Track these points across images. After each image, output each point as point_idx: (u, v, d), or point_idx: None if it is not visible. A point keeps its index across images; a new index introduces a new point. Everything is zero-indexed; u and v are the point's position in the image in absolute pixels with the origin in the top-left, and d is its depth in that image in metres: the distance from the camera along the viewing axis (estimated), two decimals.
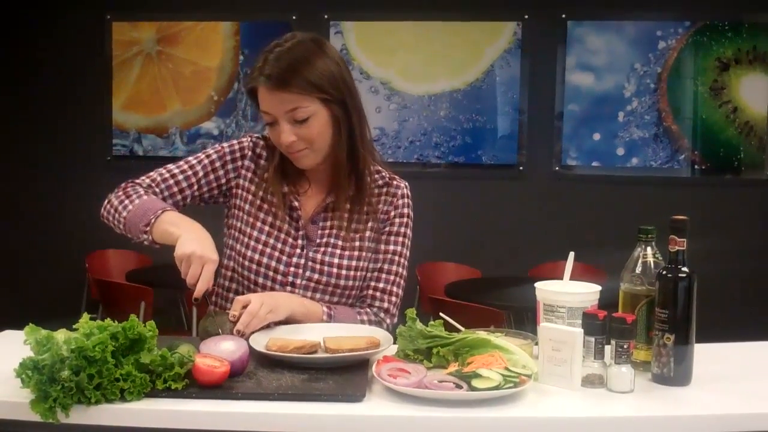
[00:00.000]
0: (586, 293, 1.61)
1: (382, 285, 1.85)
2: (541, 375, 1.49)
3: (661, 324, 1.49)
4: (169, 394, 1.36)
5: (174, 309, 4.52)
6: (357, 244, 1.83)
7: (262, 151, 1.87)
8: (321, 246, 1.82)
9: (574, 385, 1.45)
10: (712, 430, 1.34)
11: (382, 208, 1.87)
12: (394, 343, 1.61)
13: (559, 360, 1.47)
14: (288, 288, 1.79)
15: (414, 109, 4.91)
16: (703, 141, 4.78)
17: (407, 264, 1.89)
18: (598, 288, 1.63)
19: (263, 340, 1.58)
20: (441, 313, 1.66)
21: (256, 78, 1.72)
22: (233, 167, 1.86)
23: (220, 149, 1.87)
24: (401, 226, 1.88)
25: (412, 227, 1.90)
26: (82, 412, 1.31)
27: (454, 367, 1.45)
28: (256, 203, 1.84)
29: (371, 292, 1.85)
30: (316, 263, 1.80)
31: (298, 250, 1.81)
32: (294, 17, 4.85)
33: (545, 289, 1.62)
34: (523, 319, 3.70)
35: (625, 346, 1.45)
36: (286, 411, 1.33)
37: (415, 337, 1.54)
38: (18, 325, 1.52)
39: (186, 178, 1.82)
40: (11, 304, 4.27)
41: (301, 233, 1.82)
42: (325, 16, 4.87)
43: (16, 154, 5.08)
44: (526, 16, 4.80)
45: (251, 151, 1.87)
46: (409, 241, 1.89)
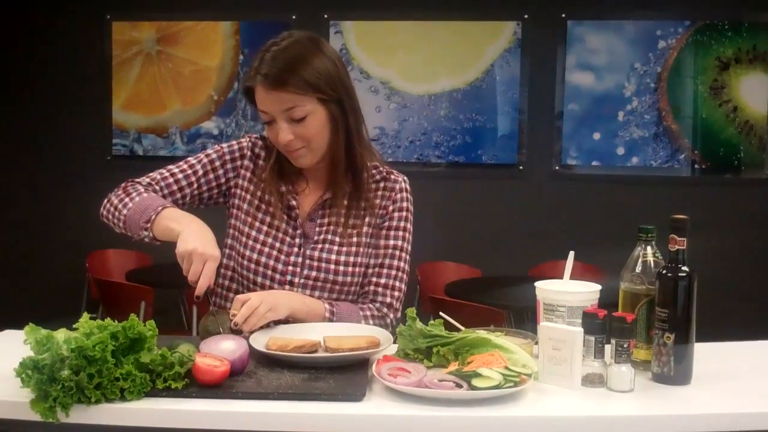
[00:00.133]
0: (586, 292, 1.61)
1: (384, 280, 1.84)
2: (542, 374, 1.49)
3: (661, 323, 1.49)
4: (169, 393, 1.36)
5: (174, 308, 4.52)
6: (354, 239, 1.82)
7: (261, 151, 1.87)
8: (318, 243, 1.82)
9: (574, 385, 1.45)
10: (712, 429, 1.34)
11: (380, 203, 1.86)
12: (394, 342, 1.61)
13: (559, 359, 1.47)
14: (287, 287, 1.79)
15: (414, 108, 4.90)
16: (703, 140, 4.78)
17: (409, 258, 1.88)
18: (598, 287, 1.63)
19: (263, 339, 1.58)
20: (441, 313, 1.66)
21: (253, 77, 1.72)
22: (232, 167, 1.86)
23: (219, 149, 1.87)
24: (401, 221, 1.87)
25: (412, 221, 1.89)
26: (82, 411, 1.31)
27: (454, 366, 1.45)
28: (255, 203, 1.84)
29: (373, 287, 1.84)
30: (313, 261, 1.80)
31: (295, 249, 1.81)
32: (294, 17, 4.85)
33: (545, 289, 1.63)
34: (523, 318, 3.69)
35: (625, 346, 1.45)
36: (287, 410, 1.33)
37: (415, 337, 1.54)
38: (18, 325, 1.52)
39: (185, 177, 1.83)
40: (11, 303, 4.27)
41: (298, 232, 1.82)
42: (325, 16, 4.87)
43: (16, 154, 5.08)
44: (526, 16, 4.80)
45: (250, 151, 1.87)
46: (409, 235, 1.88)
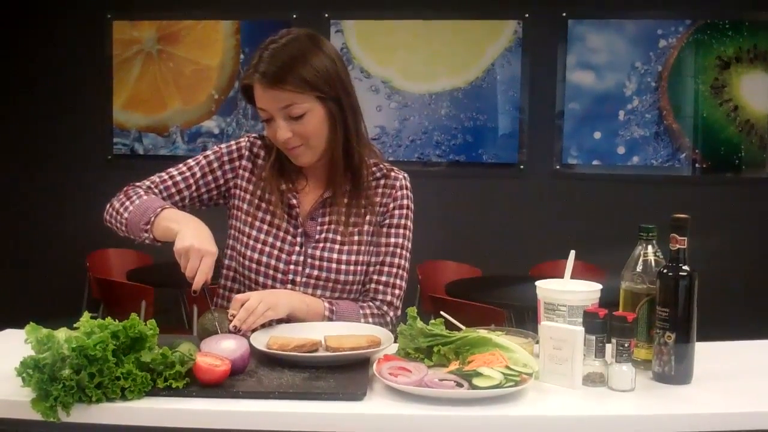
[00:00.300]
0: (587, 292, 1.61)
1: (384, 278, 1.84)
2: (542, 373, 1.49)
3: (662, 322, 1.49)
4: (169, 392, 1.36)
5: (175, 308, 4.52)
6: (356, 238, 1.82)
7: (260, 151, 1.87)
8: (320, 242, 1.81)
9: (575, 384, 1.45)
10: (712, 429, 1.34)
11: (380, 200, 1.86)
12: (395, 341, 1.61)
13: (560, 358, 1.47)
14: (289, 286, 1.79)
15: (415, 107, 4.90)
16: (704, 139, 4.78)
17: (409, 256, 1.88)
18: (599, 286, 1.63)
19: (264, 338, 1.58)
20: (442, 312, 1.66)
21: (251, 75, 1.72)
22: (231, 168, 1.86)
23: (217, 150, 1.87)
24: (401, 218, 1.86)
25: (412, 219, 1.88)
26: (82, 410, 1.31)
27: (455, 365, 1.45)
28: (255, 202, 1.84)
29: (374, 285, 1.84)
30: (315, 260, 1.80)
31: (297, 248, 1.81)
32: (294, 16, 4.85)
33: (546, 288, 1.63)
34: (524, 317, 3.69)
35: (625, 345, 1.45)
36: (287, 409, 1.33)
37: (416, 336, 1.54)
38: (19, 324, 1.52)
39: (184, 180, 1.84)
40: (12, 302, 4.26)
41: (299, 231, 1.82)
42: (326, 15, 4.87)
43: (17, 154, 5.08)
44: (527, 15, 4.80)
45: (248, 151, 1.87)
46: (410, 233, 1.88)
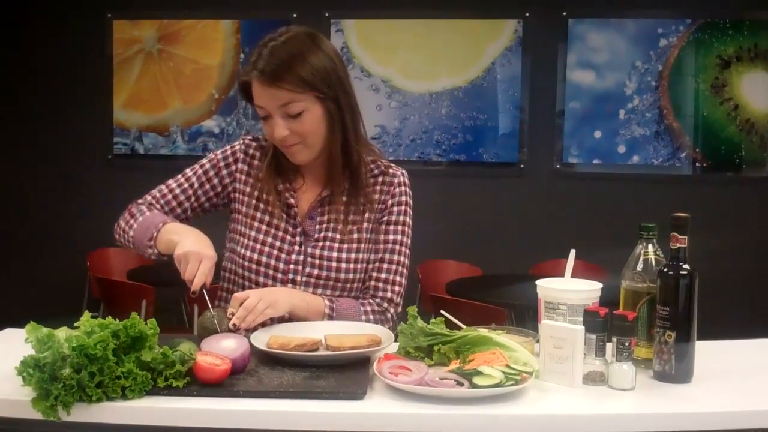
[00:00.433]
0: (587, 291, 1.61)
1: (384, 275, 1.84)
2: (543, 372, 1.49)
3: (662, 321, 1.49)
4: (170, 391, 1.36)
5: (175, 307, 4.53)
6: (355, 236, 1.82)
7: (255, 153, 1.88)
8: (319, 241, 1.81)
9: (575, 383, 1.45)
10: (713, 427, 1.34)
11: (378, 197, 1.86)
12: (396, 340, 1.61)
13: (560, 357, 1.47)
14: (289, 285, 1.79)
15: (415, 107, 4.90)
16: (705, 138, 4.78)
17: (409, 252, 1.87)
18: (600, 285, 1.63)
19: (264, 337, 1.58)
20: (442, 311, 1.66)
21: (249, 72, 1.72)
22: (228, 172, 1.87)
23: (213, 157, 1.89)
24: (400, 215, 1.86)
25: (411, 215, 1.88)
26: (83, 410, 1.31)
27: (455, 364, 1.45)
28: (253, 204, 1.84)
29: (373, 282, 1.84)
30: (315, 258, 1.80)
31: (296, 247, 1.81)
32: (294, 15, 4.85)
33: (546, 287, 1.62)
34: (524, 316, 3.69)
35: (626, 344, 1.45)
36: (288, 409, 1.33)
37: (417, 335, 1.54)
38: (19, 323, 1.52)
39: (183, 191, 1.86)
40: (12, 302, 4.26)
41: (298, 230, 1.82)
42: (326, 14, 4.87)
43: (17, 153, 5.08)
44: (528, 14, 4.80)
45: (243, 154, 1.87)
46: (409, 230, 1.87)
